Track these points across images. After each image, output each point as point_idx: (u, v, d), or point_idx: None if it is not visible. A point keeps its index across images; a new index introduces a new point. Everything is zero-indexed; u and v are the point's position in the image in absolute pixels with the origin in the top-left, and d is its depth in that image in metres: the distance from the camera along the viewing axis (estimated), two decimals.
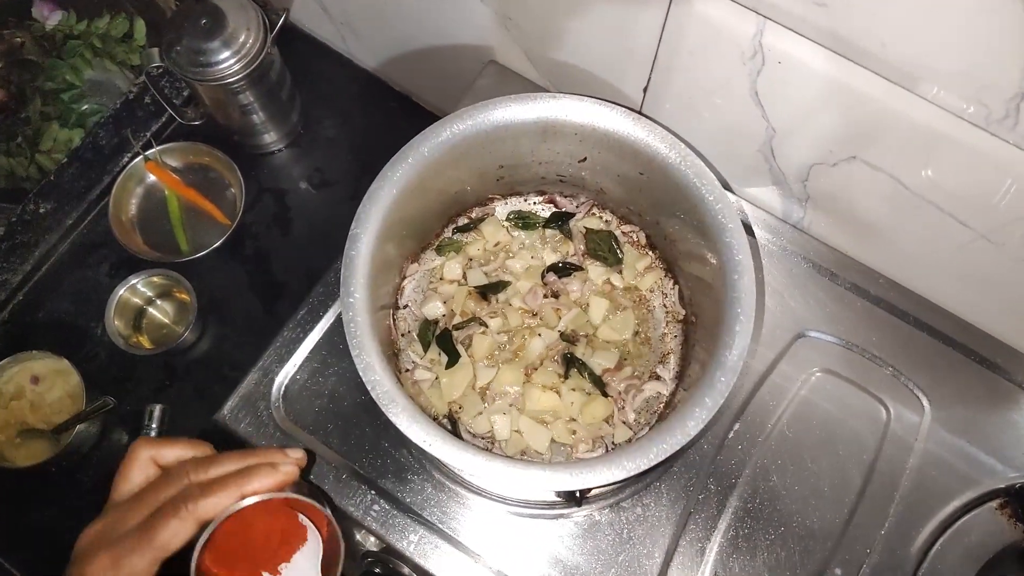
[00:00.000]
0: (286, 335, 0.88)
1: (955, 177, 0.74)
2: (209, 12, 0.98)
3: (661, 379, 0.84)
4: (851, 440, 0.85)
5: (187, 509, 0.58)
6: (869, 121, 0.74)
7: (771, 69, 0.74)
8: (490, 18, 0.93)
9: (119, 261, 1.09)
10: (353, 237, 0.72)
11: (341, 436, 0.84)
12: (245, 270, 1.10)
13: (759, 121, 0.81)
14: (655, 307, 0.87)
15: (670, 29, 0.77)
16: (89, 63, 1.22)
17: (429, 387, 0.82)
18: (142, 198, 1.11)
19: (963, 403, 0.87)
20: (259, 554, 0.62)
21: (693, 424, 0.67)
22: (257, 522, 0.62)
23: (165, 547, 0.57)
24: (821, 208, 0.89)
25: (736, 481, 0.84)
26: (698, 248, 0.78)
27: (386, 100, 1.21)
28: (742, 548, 0.82)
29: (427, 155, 0.76)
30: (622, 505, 0.83)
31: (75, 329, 1.06)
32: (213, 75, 0.98)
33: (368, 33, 1.12)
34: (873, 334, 0.89)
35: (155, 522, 0.58)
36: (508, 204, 0.91)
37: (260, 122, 1.09)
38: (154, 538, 0.57)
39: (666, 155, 0.75)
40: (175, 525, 0.58)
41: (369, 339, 0.69)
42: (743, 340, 0.69)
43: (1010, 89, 0.62)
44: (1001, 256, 0.79)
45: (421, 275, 0.88)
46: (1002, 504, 0.84)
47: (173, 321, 1.07)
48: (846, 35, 0.67)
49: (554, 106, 0.76)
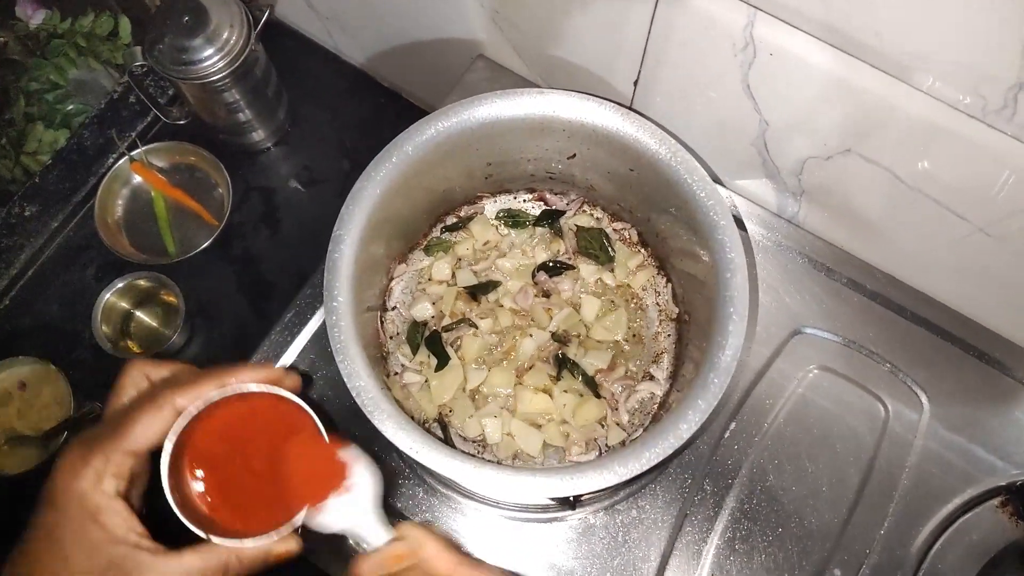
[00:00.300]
0: (273, 338, 0.86)
1: (952, 170, 0.72)
2: (191, 9, 0.96)
3: (655, 379, 0.82)
4: (849, 438, 0.84)
5: (164, 397, 0.55)
6: (864, 114, 0.72)
7: (763, 61, 0.72)
8: (478, 12, 0.91)
9: (106, 264, 1.07)
10: (336, 239, 0.70)
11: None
12: (234, 271, 1.09)
13: (752, 114, 0.79)
14: (648, 306, 0.86)
15: (659, 21, 0.75)
16: (73, 62, 1.20)
17: (418, 390, 0.81)
18: (128, 199, 1.09)
19: (962, 399, 0.85)
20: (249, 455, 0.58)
21: (686, 427, 0.65)
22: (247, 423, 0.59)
23: (137, 439, 0.54)
24: (816, 202, 0.87)
25: (732, 482, 0.83)
26: (690, 245, 0.76)
27: (375, 96, 1.19)
28: (739, 550, 0.81)
29: (411, 153, 0.74)
30: (617, 508, 0.82)
31: (62, 334, 1.05)
32: (196, 73, 0.96)
33: (355, 28, 1.10)
34: (870, 330, 0.87)
35: (130, 414, 0.54)
36: (497, 202, 0.89)
37: (246, 120, 1.08)
38: (126, 430, 0.54)
39: (656, 151, 0.73)
40: (149, 415, 0.54)
41: (354, 344, 0.68)
42: (736, 340, 0.67)
43: (1008, 79, 0.61)
44: (1000, 249, 0.77)
45: (409, 276, 0.86)
46: (1003, 502, 0.83)
47: (161, 324, 1.05)
48: (839, 26, 0.65)
49: (541, 102, 0.75)
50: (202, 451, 0.57)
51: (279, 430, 0.59)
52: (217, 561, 0.54)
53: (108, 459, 0.53)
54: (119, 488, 0.53)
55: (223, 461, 0.58)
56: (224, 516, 0.57)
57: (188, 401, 0.55)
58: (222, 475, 0.58)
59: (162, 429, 0.54)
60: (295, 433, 0.59)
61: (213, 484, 0.57)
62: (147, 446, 0.55)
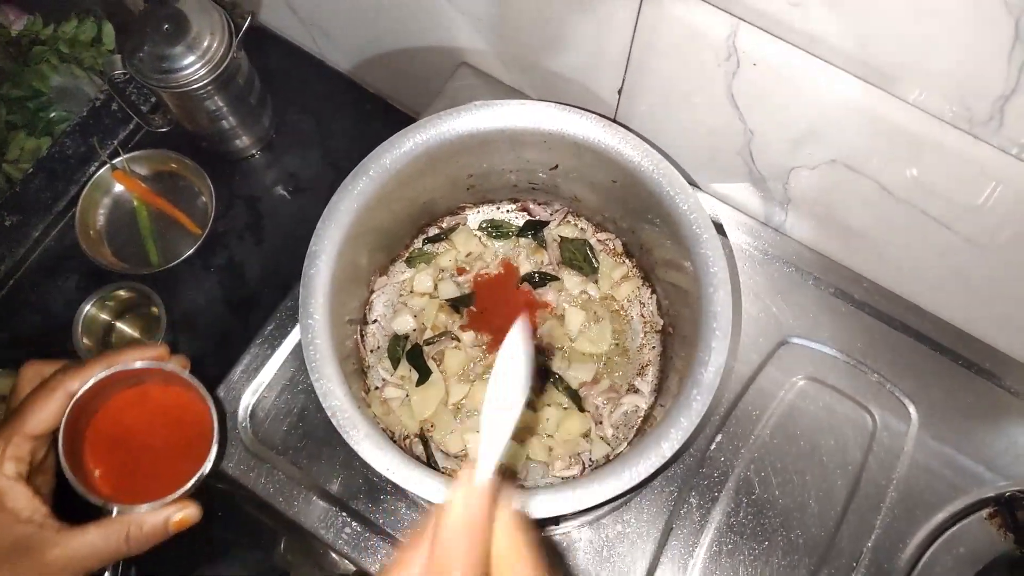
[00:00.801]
0: (253, 351, 0.85)
1: (938, 181, 0.71)
2: (171, 17, 0.94)
3: (639, 392, 0.81)
4: (837, 449, 0.83)
5: (55, 381, 0.58)
6: (849, 124, 0.71)
7: (746, 71, 0.71)
8: (461, 20, 0.90)
9: (88, 274, 1.06)
10: (312, 255, 0.69)
11: (311, 456, 0.81)
12: (218, 281, 1.07)
13: (736, 123, 0.78)
14: (632, 317, 0.85)
15: (642, 30, 0.74)
16: (56, 69, 1.19)
17: (399, 405, 0.80)
18: (110, 208, 1.08)
19: (951, 410, 0.84)
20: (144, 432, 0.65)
21: (668, 446, 0.65)
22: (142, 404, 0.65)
23: (32, 423, 0.57)
24: (803, 211, 0.86)
25: (719, 495, 0.82)
26: (674, 257, 0.75)
27: (360, 102, 1.18)
28: (725, 564, 0.80)
29: (390, 166, 0.73)
30: (602, 522, 0.81)
31: (43, 345, 1.03)
32: (177, 81, 0.95)
33: (339, 34, 1.09)
34: (858, 340, 0.86)
35: (25, 402, 0.58)
36: (480, 212, 0.88)
37: (230, 128, 1.06)
38: (22, 416, 0.57)
39: (638, 163, 0.72)
40: (42, 400, 0.58)
41: (330, 362, 0.67)
42: (719, 357, 0.66)
43: (994, 91, 0.60)
44: (986, 260, 0.76)
45: (391, 288, 0.85)
46: (992, 513, 0.82)
47: (143, 335, 1.04)
48: (822, 36, 0.64)
49: (522, 113, 0.74)
50: (100, 432, 0.63)
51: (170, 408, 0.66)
52: (118, 531, 0.58)
53: (7, 444, 0.57)
54: (20, 471, 0.57)
55: (120, 440, 0.64)
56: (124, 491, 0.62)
57: (79, 384, 0.59)
58: (121, 453, 0.64)
59: (55, 411, 0.58)
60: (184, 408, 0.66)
61: (112, 462, 0.63)
62: (43, 429, 0.58)
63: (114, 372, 0.62)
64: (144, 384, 0.67)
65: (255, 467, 0.80)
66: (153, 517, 0.60)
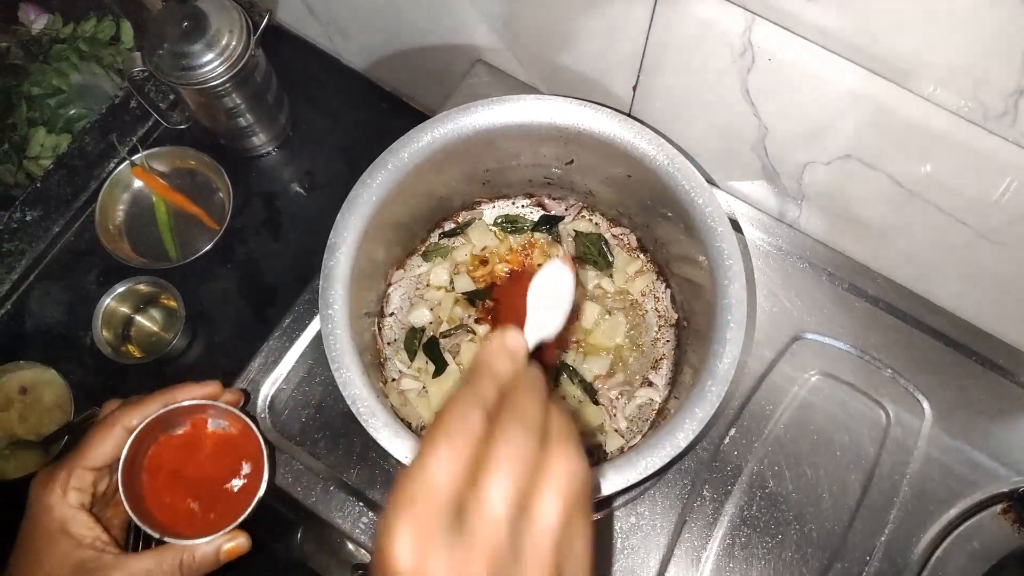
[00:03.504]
0: (272, 344, 0.86)
1: (953, 176, 0.72)
2: (190, 14, 0.96)
3: (654, 385, 0.82)
4: (850, 444, 0.83)
5: (113, 419, 0.63)
6: (863, 119, 0.71)
7: (761, 66, 0.72)
8: (477, 19, 0.90)
9: (107, 268, 1.07)
10: (331, 247, 0.70)
11: (328, 447, 0.82)
12: (235, 275, 1.08)
13: (751, 119, 0.79)
14: (647, 311, 0.85)
15: (657, 26, 0.75)
16: (76, 67, 1.20)
17: (416, 396, 0.81)
18: (129, 204, 1.09)
19: (964, 405, 0.84)
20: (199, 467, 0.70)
21: (683, 436, 0.65)
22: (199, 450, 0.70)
23: (92, 456, 0.62)
24: (817, 207, 0.86)
25: (732, 488, 0.82)
26: (689, 251, 0.76)
27: (376, 100, 1.19)
28: (738, 557, 0.80)
29: (408, 160, 0.74)
30: (616, 514, 0.81)
31: (64, 338, 1.05)
32: (196, 79, 0.96)
33: (355, 33, 1.10)
34: (872, 335, 0.86)
35: (87, 437, 0.63)
36: (496, 207, 0.89)
37: (247, 125, 1.08)
38: (83, 450, 0.62)
39: (653, 157, 0.73)
40: (101, 435, 0.63)
41: (350, 352, 0.67)
42: (734, 349, 0.67)
43: (1008, 85, 0.60)
44: (1002, 255, 0.76)
45: (407, 282, 0.86)
46: (1005, 508, 0.82)
47: (162, 329, 1.06)
48: (838, 31, 0.64)
49: (537, 108, 0.74)
50: (157, 466, 0.68)
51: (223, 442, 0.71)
52: (172, 559, 0.63)
53: (70, 475, 0.62)
54: (83, 501, 0.63)
55: (176, 474, 0.68)
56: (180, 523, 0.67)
57: (138, 420, 0.64)
58: (177, 486, 0.68)
59: (115, 445, 0.63)
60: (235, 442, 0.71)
61: (168, 495, 0.68)
62: (103, 462, 0.63)
63: (171, 409, 0.67)
64: (198, 417, 0.71)
65: (274, 457, 0.81)
66: (205, 547, 0.65)
